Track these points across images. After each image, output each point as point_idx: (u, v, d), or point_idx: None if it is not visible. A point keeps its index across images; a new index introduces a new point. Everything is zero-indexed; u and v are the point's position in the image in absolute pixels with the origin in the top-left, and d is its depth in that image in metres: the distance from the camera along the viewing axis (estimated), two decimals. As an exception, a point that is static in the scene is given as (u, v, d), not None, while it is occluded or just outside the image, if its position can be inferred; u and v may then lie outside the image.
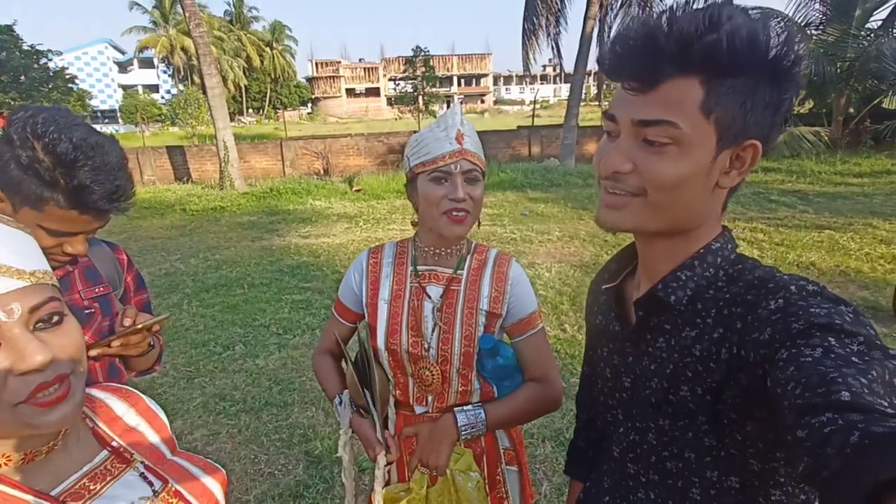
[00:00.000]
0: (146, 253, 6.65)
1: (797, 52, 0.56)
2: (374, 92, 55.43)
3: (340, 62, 55.49)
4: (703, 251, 0.68)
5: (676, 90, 0.58)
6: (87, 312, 1.13)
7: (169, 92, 45.44)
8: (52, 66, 24.40)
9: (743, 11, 0.55)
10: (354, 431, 1.11)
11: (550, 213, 8.03)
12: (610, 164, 0.63)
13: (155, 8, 40.39)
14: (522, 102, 57.44)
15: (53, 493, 0.59)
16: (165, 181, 12.43)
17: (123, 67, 48.39)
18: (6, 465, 0.56)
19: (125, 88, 44.69)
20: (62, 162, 0.93)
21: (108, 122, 41.76)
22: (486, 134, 14.31)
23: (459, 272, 1.16)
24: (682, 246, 0.68)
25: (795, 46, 0.56)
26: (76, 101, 25.46)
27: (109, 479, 0.65)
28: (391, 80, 47.28)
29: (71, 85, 25.11)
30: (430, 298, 1.15)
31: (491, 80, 59.84)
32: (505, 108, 55.02)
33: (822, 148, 11.25)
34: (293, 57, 51.10)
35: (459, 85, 58.20)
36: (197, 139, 18.12)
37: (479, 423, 1.09)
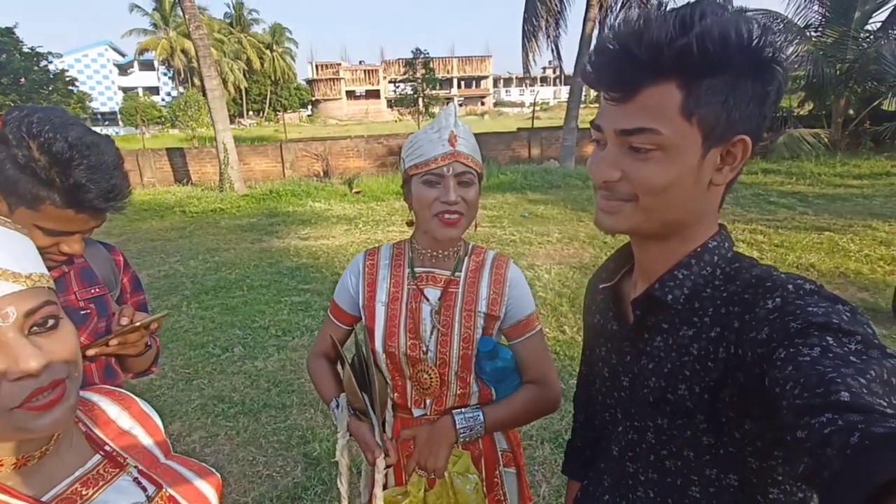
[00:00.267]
0: (145, 255, 6.64)
1: (775, 43, 0.56)
2: (374, 94, 55.48)
3: (341, 64, 55.57)
4: (699, 250, 0.68)
5: (655, 97, 0.58)
6: (82, 313, 1.13)
7: (169, 94, 45.49)
8: (52, 68, 24.44)
9: (716, 9, 0.55)
10: (352, 435, 1.10)
11: (550, 214, 8.03)
12: (600, 174, 0.64)
13: (155, 10, 40.47)
14: (522, 104, 57.51)
15: (45, 498, 0.59)
16: (165, 183, 12.42)
17: (124, 70, 48.45)
18: None
19: (125, 91, 44.77)
20: (58, 161, 0.93)
21: (108, 124, 41.78)
22: (485, 136, 14.33)
23: (457, 274, 1.15)
24: (678, 245, 0.68)
25: (773, 38, 0.56)
26: (76, 103, 25.48)
27: (102, 483, 0.64)
28: (391, 82, 47.31)
29: (71, 87, 25.15)
30: (427, 301, 1.14)
31: (491, 82, 59.91)
32: (505, 110, 55.09)
33: (821, 150, 11.25)
34: (293, 59, 51.18)
35: (459, 87, 58.28)
36: (197, 141, 18.14)
37: (477, 425, 1.08)
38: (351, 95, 55.22)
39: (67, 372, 0.56)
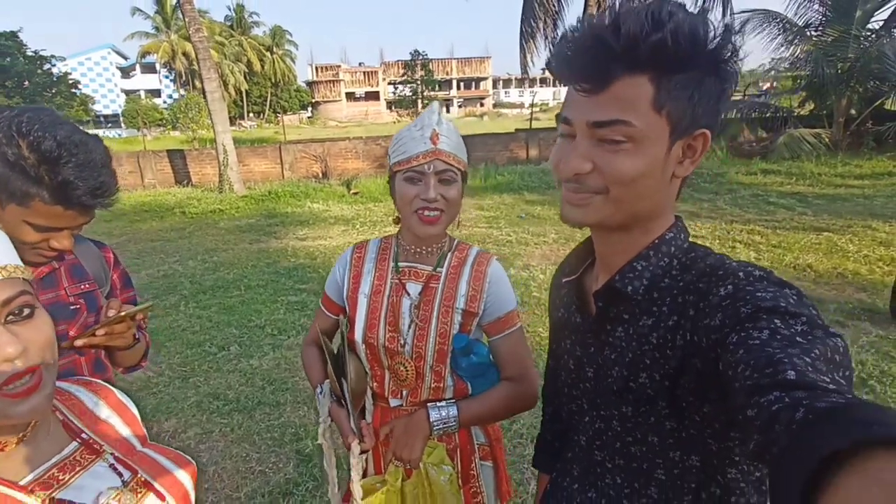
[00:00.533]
0: (145, 255, 6.68)
1: (735, 43, 0.59)
2: (373, 96, 55.57)
3: (340, 66, 55.68)
4: (657, 241, 0.70)
5: (628, 89, 0.59)
6: (72, 308, 1.15)
7: (171, 97, 45.58)
8: (55, 71, 24.55)
9: (681, 7, 0.57)
10: (333, 420, 1.13)
11: (546, 215, 8.05)
12: (571, 166, 0.64)
13: (157, 13, 40.60)
14: (522, 105, 57.45)
15: (22, 482, 0.60)
16: (166, 184, 12.47)
17: (126, 73, 48.60)
18: None
19: (128, 93, 44.91)
20: (47, 159, 0.95)
21: (111, 126, 41.92)
22: (483, 137, 14.34)
23: (439, 270, 1.18)
24: (639, 237, 0.70)
25: (733, 38, 0.58)
26: (79, 105, 25.62)
27: (79, 469, 0.66)
28: (390, 83, 47.39)
29: (74, 90, 25.27)
30: (408, 295, 1.16)
31: (490, 83, 59.94)
32: (504, 111, 55.10)
33: (822, 150, 11.21)
34: (293, 61, 51.30)
35: (459, 88, 58.34)
36: (197, 143, 18.19)
37: (451, 418, 1.10)
38: (350, 97, 55.31)
39: (42, 358, 0.58)
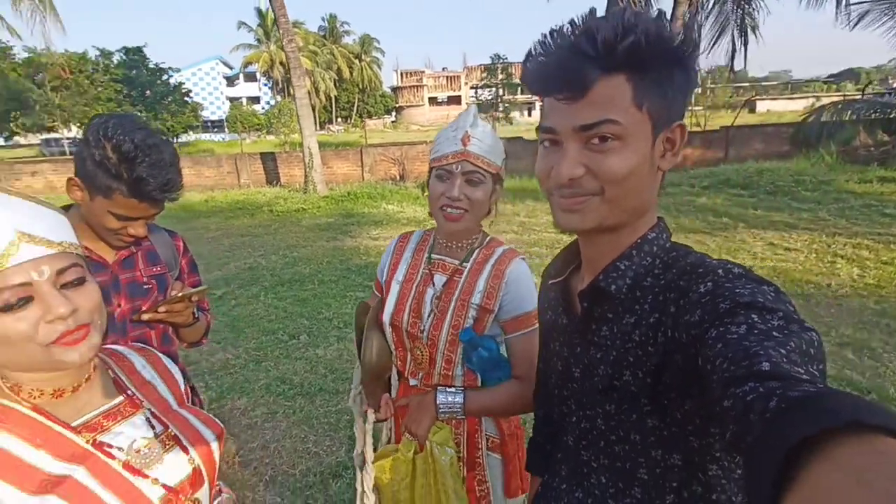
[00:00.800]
0: (236, 249, 7.31)
1: (695, 39, 0.63)
2: (455, 100, 56.29)
3: (424, 72, 57.01)
4: (640, 241, 0.72)
5: (607, 90, 0.63)
6: (145, 287, 1.34)
7: (268, 103, 49.08)
8: (172, 81, 27.37)
9: (643, 14, 0.62)
10: (362, 389, 1.30)
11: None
12: (564, 172, 0.67)
13: (259, 26, 43.95)
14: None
15: (73, 424, 0.74)
16: (258, 184, 13.52)
17: (231, 81, 53.12)
18: (40, 397, 0.73)
19: (232, 100, 48.95)
20: (126, 159, 1.14)
21: (216, 130, 46.00)
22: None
23: (464, 265, 1.25)
24: (626, 238, 0.72)
25: (693, 35, 0.63)
26: (190, 112, 28.30)
27: (120, 419, 0.80)
28: (472, 88, 47.80)
29: (186, 98, 28.00)
30: (433, 286, 1.25)
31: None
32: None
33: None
34: (380, 68, 53.29)
35: (541, 92, 57.42)
36: (288, 146, 19.48)
37: (456, 405, 1.17)
38: (433, 101, 56.44)
39: (91, 318, 0.72)
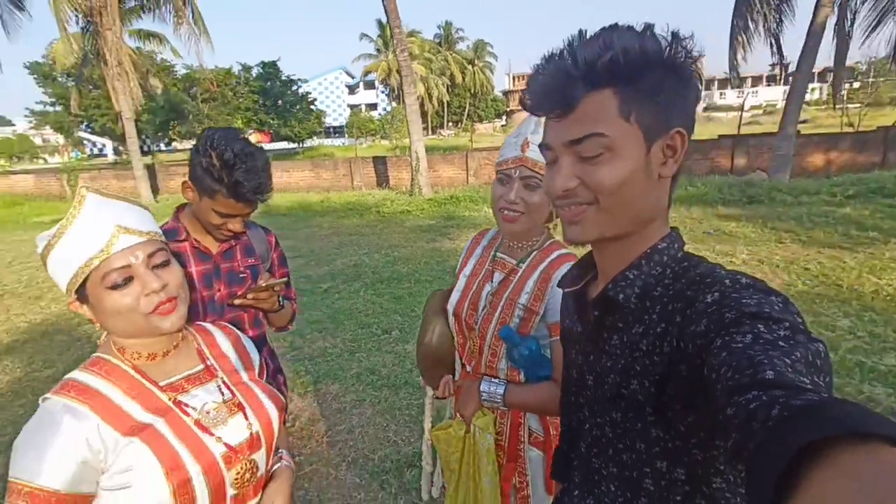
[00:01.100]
0: (343, 246, 7.87)
1: (686, 47, 0.63)
2: (567, 102, 54.85)
3: (536, 75, 56.32)
4: (649, 251, 0.72)
5: (593, 105, 0.65)
6: (241, 276, 1.55)
7: (385, 109, 51.94)
8: (300, 91, 30.07)
9: (628, 30, 0.63)
10: None
11: (741, 233, 7.09)
12: (558, 185, 0.70)
13: (378, 37, 46.68)
14: (741, 108, 50.63)
15: (161, 383, 0.91)
16: (369, 186, 14.40)
17: (352, 90, 57.10)
18: (138, 359, 0.90)
19: (352, 108, 52.66)
20: (226, 165, 1.33)
21: (337, 136, 49.67)
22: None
23: (521, 265, 1.30)
24: (633, 247, 0.73)
25: (683, 43, 0.63)
26: (314, 119, 30.96)
27: (198, 383, 0.96)
28: (586, 89, 46.28)
29: (311, 107, 30.63)
30: (492, 282, 1.33)
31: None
32: (717, 114, 49.18)
33: None
34: (492, 72, 53.83)
35: (662, 92, 54.00)
36: (398, 150, 20.45)
37: (496, 395, 1.23)
38: (544, 105, 55.55)
39: (177, 292, 0.89)
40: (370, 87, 55.22)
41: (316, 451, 2.85)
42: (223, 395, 0.97)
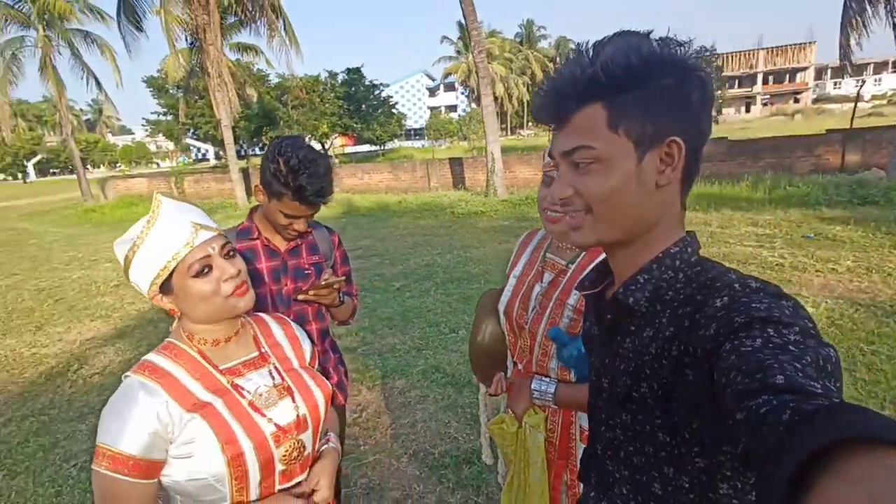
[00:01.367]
0: (417, 246, 8.07)
1: (672, 54, 0.63)
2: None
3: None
4: (661, 255, 0.72)
5: (583, 118, 0.67)
6: (306, 272, 1.67)
7: (464, 111, 52.36)
8: (382, 96, 31.11)
9: (615, 40, 0.64)
10: None
11: (847, 237, 6.39)
12: (555, 193, 0.73)
13: (459, 39, 47.14)
14: (856, 98, 45.34)
15: (221, 367, 1.02)
16: (445, 188, 14.61)
17: (432, 92, 58.18)
18: (203, 344, 1.02)
19: (432, 110, 53.63)
20: (292, 170, 1.45)
21: (417, 138, 50.85)
22: (776, 140, 12.07)
23: (570, 266, 1.31)
24: (642, 251, 0.73)
25: (670, 50, 0.63)
26: (396, 122, 31.87)
27: (252, 368, 1.06)
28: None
29: (393, 110, 31.57)
30: (542, 283, 1.35)
31: (811, 73, 49.25)
32: (830, 106, 44.48)
33: None
34: (574, 70, 52.34)
35: (766, 83, 49.87)
36: (475, 152, 20.56)
37: (547, 393, 1.25)
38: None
39: (245, 278, 1.00)
40: (450, 88, 55.95)
41: (380, 441, 2.97)
42: (274, 379, 1.07)
